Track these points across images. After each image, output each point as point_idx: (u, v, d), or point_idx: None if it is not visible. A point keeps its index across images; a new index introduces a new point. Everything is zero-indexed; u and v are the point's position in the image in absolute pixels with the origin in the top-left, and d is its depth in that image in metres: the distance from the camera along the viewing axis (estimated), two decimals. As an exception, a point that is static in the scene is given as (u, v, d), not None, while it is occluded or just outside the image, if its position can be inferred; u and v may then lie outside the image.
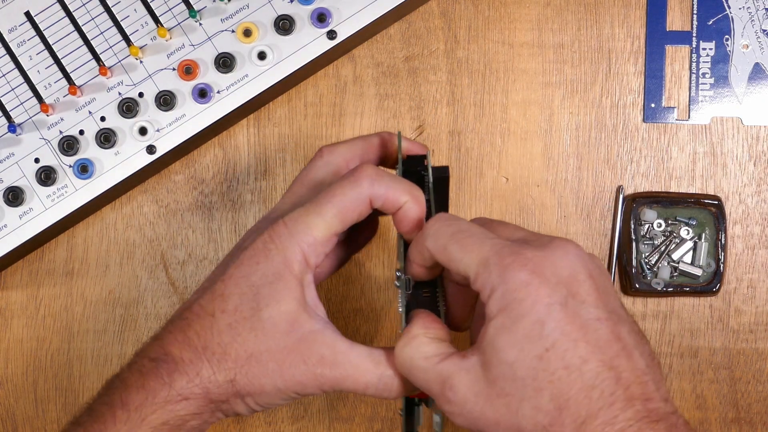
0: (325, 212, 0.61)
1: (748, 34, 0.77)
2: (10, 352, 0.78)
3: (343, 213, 0.61)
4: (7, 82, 0.73)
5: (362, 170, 0.62)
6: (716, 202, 0.76)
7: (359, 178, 0.61)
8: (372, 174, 0.61)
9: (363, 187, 0.61)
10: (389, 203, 0.61)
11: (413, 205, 0.62)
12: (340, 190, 0.61)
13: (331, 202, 0.61)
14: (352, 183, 0.61)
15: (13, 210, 0.73)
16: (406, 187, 0.62)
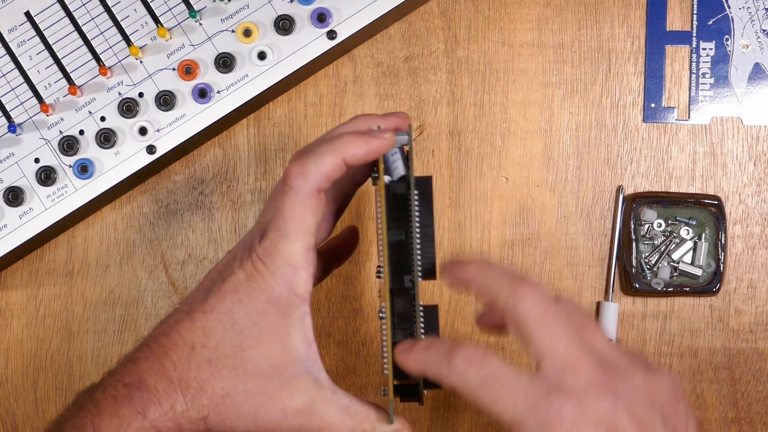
0: (290, 235, 0.59)
1: (748, 34, 0.77)
2: (10, 352, 0.78)
3: (305, 223, 0.59)
4: (7, 82, 0.73)
5: (289, 174, 0.59)
6: (716, 202, 0.76)
7: (291, 183, 0.59)
8: (299, 171, 0.59)
9: (305, 189, 0.59)
10: (335, 178, 0.59)
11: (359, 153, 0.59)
12: (288, 205, 0.59)
13: (287, 221, 0.59)
14: (291, 191, 0.59)
15: (13, 210, 0.73)
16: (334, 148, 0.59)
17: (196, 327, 0.60)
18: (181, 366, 0.59)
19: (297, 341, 0.60)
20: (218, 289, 0.60)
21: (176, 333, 0.60)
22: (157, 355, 0.60)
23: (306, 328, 0.60)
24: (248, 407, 0.59)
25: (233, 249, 0.62)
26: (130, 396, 0.59)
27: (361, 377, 0.78)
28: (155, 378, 0.59)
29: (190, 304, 0.61)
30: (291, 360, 0.59)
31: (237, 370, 0.59)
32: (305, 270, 0.59)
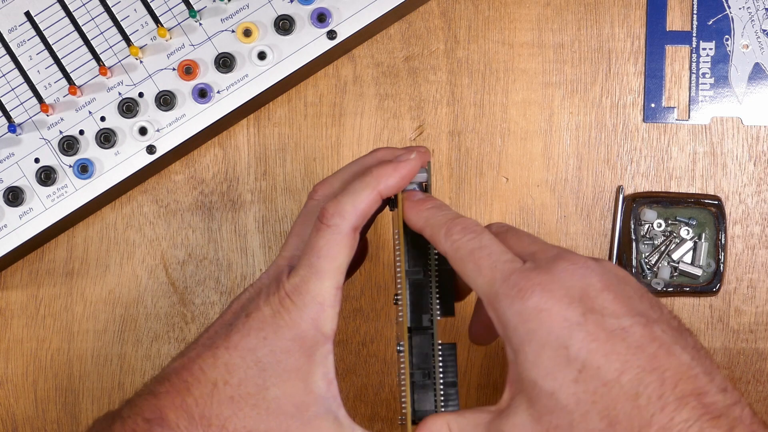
0: (322, 273, 0.59)
1: (748, 34, 0.77)
2: (10, 352, 0.78)
3: (338, 262, 0.59)
4: (7, 82, 0.73)
5: (326, 214, 0.59)
6: (716, 202, 0.76)
7: (328, 222, 0.59)
8: (337, 211, 0.59)
9: (342, 228, 0.59)
10: (370, 214, 0.60)
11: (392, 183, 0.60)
12: (323, 242, 0.59)
13: (321, 258, 0.59)
14: (327, 230, 0.59)
15: (13, 210, 0.73)
16: (368, 184, 0.59)
17: (218, 363, 0.59)
18: (203, 403, 0.59)
19: (319, 379, 0.59)
20: (242, 325, 0.59)
21: (198, 368, 0.59)
22: (178, 390, 0.59)
23: (328, 366, 0.59)
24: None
25: (256, 282, 0.61)
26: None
27: (361, 377, 0.78)
28: (177, 414, 0.58)
29: (212, 338, 0.60)
30: (312, 399, 0.59)
31: (259, 409, 0.59)
32: (333, 309, 0.59)
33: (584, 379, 0.53)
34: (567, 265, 0.55)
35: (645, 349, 0.53)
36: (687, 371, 0.53)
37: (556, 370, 0.53)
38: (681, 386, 0.52)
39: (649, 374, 0.52)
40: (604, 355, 0.53)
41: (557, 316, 0.54)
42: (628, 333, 0.53)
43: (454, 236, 0.58)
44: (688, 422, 0.51)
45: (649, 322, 0.54)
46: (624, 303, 0.55)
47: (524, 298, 0.54)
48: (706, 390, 0.53)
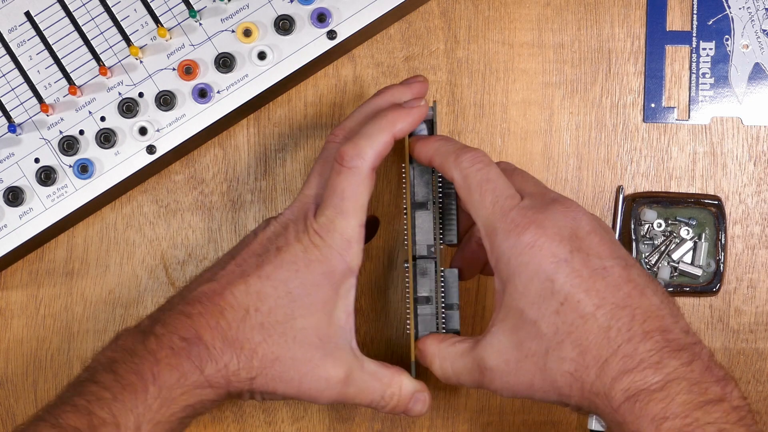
0: (347, 213, 0.63)
1: (748, 34, 0.77)
2: (10, 352, 0.78)
3: (361, 201, 0.63)
4: (7, 82, 0.73)
5: (345, 155, 0.63)
6: (716, 202, 0.76)
7: (348, 164, 0.63)
8: (356, 153, 0.63)
9: (362, 168, 0.63)
10: (386, 154, 0.64)
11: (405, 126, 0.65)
12: (346, 184, 0.63)
13: (345, 199, 0.63)
14: (349, 171, 0.63)
15: (13, 210, 0.73)
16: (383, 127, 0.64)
17: (251, 291, 0.63)
18: (235, 327, 0.63)
19: (341, 311, 0.64)
20: (274, 257, 0.63)
21: (230, 294, 0.63)
22: (212, 313, 0.63)
23: (349, 299, 0.64)
24: (294, 373, 0.63)
25: (281, 217, 0.66)
26: (189, 350, 0.62)
27: (361, 377, 0.78)
28: (212, 336, 0.62)
29: (241, 266, 0.64)
30: (333, 331, 0.64)
31: (286, 337, 0.63)
32: (358, 245, 0.64)
33: (564, 311, 0.59)
34: (561, 208, 0.61)
35: (621, 288, 0.59)
36: (656, 311, 0.59)
37: (540, 301, 0.59)
38: (649, 322, 0.58)
39: (622, 310, 0.58)
40: (585, 290, 0.59)
41: (547, 251, 0.59)
42: (609, 272, 0.59)
43: (464, 164, 0.63)
44: (650, 352, 0.57)
45: (627, 265, 0.60)
46: (608, 246, 0.60)
47: (519, 233, 0.60)
48: (671, 329, 0.58)
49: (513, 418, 0.77)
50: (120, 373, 0.61)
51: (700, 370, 0.57)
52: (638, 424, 0.56)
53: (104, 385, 0.61)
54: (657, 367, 0.57)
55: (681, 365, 0.57)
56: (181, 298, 0.65)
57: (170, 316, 0.63)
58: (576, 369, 0.58)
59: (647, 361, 0.57)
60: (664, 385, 0.56)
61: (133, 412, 0.60)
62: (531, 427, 0.77)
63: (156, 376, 0.61)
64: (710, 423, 0.56)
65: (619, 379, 0.57)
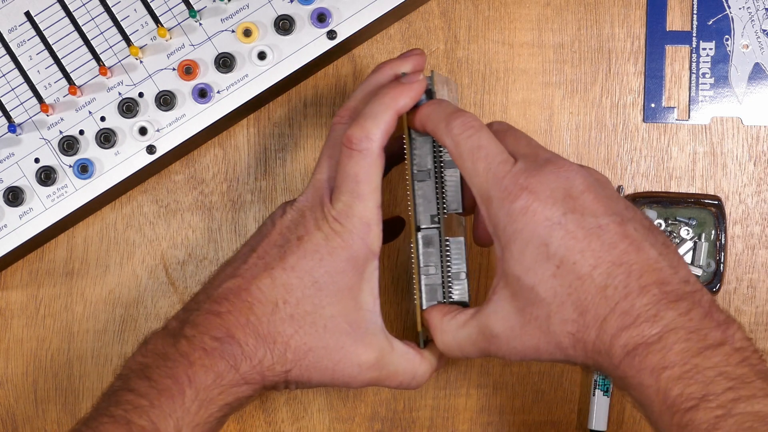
0: (363, 196, 0.63)
1: (748, 34, 0.77)
2: (10, 352, 0.78)
3: (375, 183, 0.63)
4: (7, 82, 0.73)
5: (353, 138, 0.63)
6: (716, 202, 0.76)
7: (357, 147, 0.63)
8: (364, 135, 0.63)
9: (371, 149, 0.63)
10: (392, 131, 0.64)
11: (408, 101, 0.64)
12: (358, 168, 0.63)
13: (360, 183, 0.63)
14: (359, 155, 0.63)
15: (13, 210, 0.73)
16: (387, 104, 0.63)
17: (277, 284, 0.63)
18: (266, 321, 0.63)
19: (367, 295, 0.64)
20: (296, 247, 0.63)
21: (257, 289, 0.63)
22: (241, 310, 0.63)
23: (374, 282, 0.65)
24: (327, 362, 0.63)
25: (296, 204, 0.65)
26: (222, 350, 0.62)
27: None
28: (244, 333, 0.62)
29: (263, 258, 0.64)
30: (362, 315, 0.64)
31: (317, 326, 0.63)
32: (378, 227, 0.64)
33: (561, 274, 0.59)
34: (553, 168, 0.60)
35: (617, 246, 0.59)
36: (653, 264, 0.58)
37: (536, 266, 0.59)
38: (645, 277, 0.58)
39: (618, 267, 0.58)
40: (580, 251, 0.58)
41: (540, 216, 0.59)
42: (604, 230, 0.59)
43: (455, 131, 0.62)
44: (647, 306, 0.57)
45: (623, 221, 0.59)
46: (603, 203, 0.60)
47: (513, 200, 0.60)
48: (669, 280, 0.58)
49: (513, 418, 0.77)
50: (154, 378, 0.61)
51: (699, 317, 0.57)
52: (639, 378, 0.57)
53: (140, 392, 0.61)
54: (654, 320, 0.57)
55: (678, 315, 0.57)
56: (206, 296, 0.64)
57: (198, 316, 0.63)
58: (578, 330, 0.59)
59: (644, 316, 0.57)
60: (661, 336, 0.56)
61: (172, 417, 0.60)
62: (531, 427, 0.77)
63: (192, 378, 0.61)
64: (710, 368, 0.56)
65: (618, 336, 0.57)
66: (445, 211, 0.67)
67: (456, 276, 0.67)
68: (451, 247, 0.67)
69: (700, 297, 0.58)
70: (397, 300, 0.78)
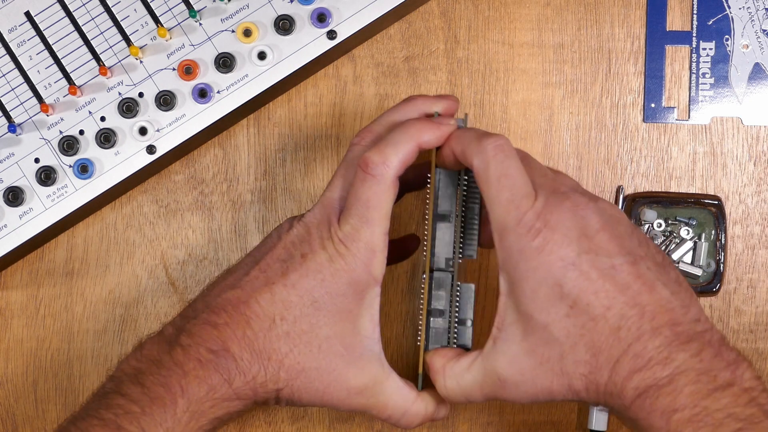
0: (372, 222, 0.62)
1: (748, 34, 0.77)
2: (10, 352, 0.78)
3: (385, 210, 0.63)
4: (7, 82, 0.73)
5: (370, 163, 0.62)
6: (716, 202, 0.76)
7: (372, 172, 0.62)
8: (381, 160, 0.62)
9: (386, 176, 0.62)
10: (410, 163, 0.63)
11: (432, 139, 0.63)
12: (371, 193, 0.62)
13: (370, 208, 0.62)
14: (373, 180, 0.62)
15: (13, 210, 0.73)
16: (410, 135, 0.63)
17: (276, 300, 0.62)
18: (262, 337, 0.62)
19: (366, 321, 0.63)
20: (299, 265, 0.63)
21: (255, 303, 0.63)
22: (238, 323, 0.62)
23: (374, 309, 0.64)
24: (319, 383, 0.63)
25: (304, 219, 0.64)
26: (217, 363, 0.61)
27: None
28: (240, 347, 0.62)
29: (265, 272, 0.63)
30: (359, 340, 0.63)
31: (312, 346, 0.63)
32: (382, 254, 0.63)
33: (575, 314, 0.59)
34: (570, 206, 0.60)
35: (630, 286, 0.59)
36: (665, 305, 0.59)
37: (549, 305, 0.59)
38: (658, 318, 0.58)
39: (631, 309, 0.58)
40: (594, 292, 0.59)
41: (555, 256, 0.59)
42: (617, 271, 0.59)
43: (488, 151, 0.61)
44: (659, 348, 0.57)
45: (636, 261, 0.60)
46: (617, 242, 0.60)
47: (530, 238, 0.59)
48: (680, 320, 0.58)
49: (513, 418, 0.77)
50: (147, 385, 0.61)
51: (710, 357, 0.57)
52: (650, 420, 0.57)
53: (132, 397, 0.60)
54: (665, 362, 0.57)
55: (689, 357, 0.57)
56: (205, 305, 0.64)
57: (195, 325, 0.63)
58: (590, 371, 0.59)
59: (656, 358, 0.57)
60: (671, 378, 0.57)
61: (162, 426, 0.60)
62: (531, 427, 0.77)
63: (184, 389, 0.61)
64: (719, 409, 0.56)
65: (630, 378, 0.58)
66: (461, 256, 0.66)
67: (463, 322, 0.66)
68: (461, 292, 0.66)
69: (710, 336, 0.59)
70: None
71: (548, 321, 0.59)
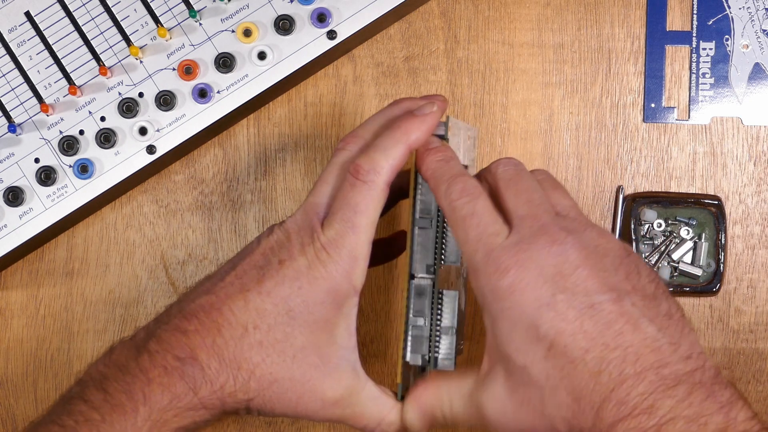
0: (358, 228, 0.60)
1: (748, 34, 0.77)
2: (10, 352, 0.78)
3: (373, 217, 0.61)
4: (7, 82, 0.73)
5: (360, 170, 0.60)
6: (716, 202, 0.76)
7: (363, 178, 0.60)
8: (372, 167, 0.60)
9: (377, 183, 0.60)
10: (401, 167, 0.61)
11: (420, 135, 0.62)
12: (360, 198, 0.60)
13: (357, 214, 0.60)
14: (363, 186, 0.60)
15: (13, 210, 0.73)
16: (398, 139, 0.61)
17: (250, 307, 0.60)
18: (233, 345, 0.60)
19: (342, 330, 0.61)
20: (276, 272, 0.60)
21: (228, 310, 0.60)
22: (208, 329, 0.60)
23: (351, 318, 0.62)
24: (292, 394, 0.61)
25: (284, 225, 0.62)
26: (183, 371, 0.59)
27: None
28: (208, 355, 0.60)
29: (240, 278, 0.61)
30: (335, 350, 0.61)
31: (285, 356, 0.60)
32: (364, 262, 0.61)
33: (553, 356, 0.55)
34: (546, 242, 0.57)
35: (612, 326, 0.55)
36: (651, 344, 0.55)
37: (526, 347, 0.56)
38: (642, 360, 0.54)
39: (612, 351, 0.55)
40: (572, 334, 0.55)
41: (529, 296, 0.56)
42: (597, 310, 0.55)
43: (452, 195, 0.59)
44: (643, 396, 0.54)
45: (620, 297, 0.56)
46: (598, 278, 0.56)
47: (500, 277, 0.56)
48: (667, 361, 0.55)
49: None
50: (110, 392, 0.59)
51: (700, 400, 0.54)
52: None
53: (93, 404, 0.59)
54: (650, 411, 0.54)
55: (677, 403, 0.54)
56: (179, 309, 0.62)
57: (166, 332, 0.61)
58: (573, 416, 0.55)
59: (640, 407, 0.54)
60: (658, 429, 0.53)
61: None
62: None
63: (147, 396, 0.59)
64: None
65: (615, 427, 0.54)
66: (443, 262, 0.64)
67: (445, 331, 0.63)
68: (444, 300, 0.63)
69: (700, 375, 0.55)
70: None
71: (526, 363, 0.56)
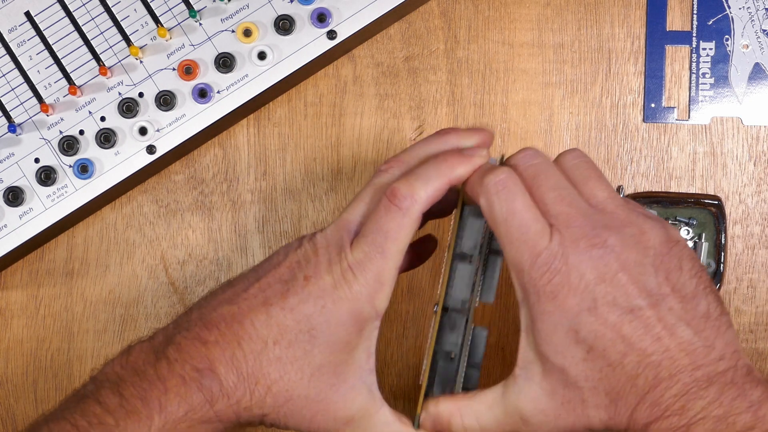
0: (387, 254, 0.60)
1: (748, 34, 0.77)
2: (10, 352, 0.78)
3: (403, 245, 0.60)
4: (7, 82, 0.73)
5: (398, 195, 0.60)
6: (716, 202, 0.76)
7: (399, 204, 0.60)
8: (409, 194, 0.60)
9: (412, 211, 0.60)
10: (438, 199, 0.61)
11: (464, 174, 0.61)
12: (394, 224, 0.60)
13: (388, 239, 0.60)
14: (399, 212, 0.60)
15: (13, 210, 0.73)
16: (442, 172, 0.60)
17: (272, 323, 0.60)
18: (252, 360, 0.60)
19: (361, 352, 0.61)
20: (301, 288, 0.60)
21: (250, 323, 0.60)
22: (228, 342, 0.60)
23: (372, 341, 0.61)
24: (306, 412, 0.60)
25: (315, 237, 0.62)
26: (200, 383, 0.59)
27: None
28: (227, 368, 0.60)
29: (264, 291, 0.61)
30: (352, 371, 0.61)
31: (303, 374, 0.60)
32: (389, 288, 0.60)
33: (592, 359, 0.57)
34: (586, 246, 0.58)
35: (649, 331, 0.57)
36: (686, 347, 0.57)
37: (566, 349, 0.58)
38: (676, 363, 0.57)
39: (650, 356, 0.57)
40: (611, 339, 0.57)
41: (571, 301, 0.57)
42: (636, 315, 0.57)
43: (489, 189, 0.59)
44: (675, 398, 0.56)
45: (658, 302, 0.58)
46: (637, 283, 0.58)
47: (545, 282, 0.58)
48: (701, 363, 0.57)
49: None
50: (126, 396, 0.59)
51: (730, 400, 0.56)
52: None
53: (108, 407, 0.59)
54: (681, 412, 0.56)
55: (708, 404, 0.56)
56: (199, 316, 0.61)
57: (185, 339, 0.60)
58: (609, 417, 0.58)
59: (672, 408, 0.56)
60: (688, 428, 0.56)
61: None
62: None
63: (163, 405, 0.58)
64: None
65: (647, 428, 0.57)
66: (478, 300, 0.63)
67: (473, 365, 0.64)
68: (475, 336, 0.64)
69: (733, 375, 0.57)
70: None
71: (565, 364, 0.58)
